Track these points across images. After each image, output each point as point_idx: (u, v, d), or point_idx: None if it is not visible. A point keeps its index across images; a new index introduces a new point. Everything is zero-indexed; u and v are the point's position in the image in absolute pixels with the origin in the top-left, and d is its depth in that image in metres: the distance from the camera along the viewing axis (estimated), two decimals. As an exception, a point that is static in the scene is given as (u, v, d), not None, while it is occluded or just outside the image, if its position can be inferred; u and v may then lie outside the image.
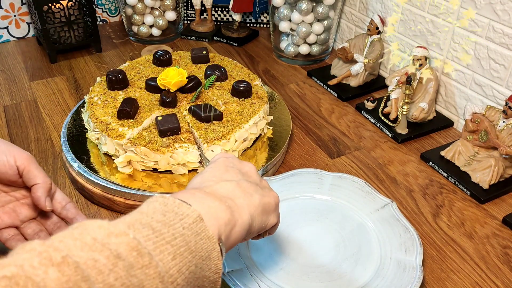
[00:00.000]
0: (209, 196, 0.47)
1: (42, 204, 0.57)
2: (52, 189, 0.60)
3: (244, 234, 0.49)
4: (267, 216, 0.53)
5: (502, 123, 0.78)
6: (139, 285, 0.36)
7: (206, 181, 0.51)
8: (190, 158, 0.72)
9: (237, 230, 0.47)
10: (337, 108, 0.99)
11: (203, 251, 0.42)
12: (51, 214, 0.61)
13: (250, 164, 0.57)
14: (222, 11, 1.31)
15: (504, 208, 0.75)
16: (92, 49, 1.18)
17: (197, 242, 0.42)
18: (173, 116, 0.75)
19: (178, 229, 0.41)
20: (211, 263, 0.43)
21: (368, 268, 0.64)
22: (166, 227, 0.40)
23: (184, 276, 0.40)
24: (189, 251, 0.41)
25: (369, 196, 0.73)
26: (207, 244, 0.43)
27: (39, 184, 0.57)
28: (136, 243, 0.37)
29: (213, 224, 0.44)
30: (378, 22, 1.01)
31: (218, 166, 0.54)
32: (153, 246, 0.38)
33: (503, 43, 0.81)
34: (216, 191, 0.49)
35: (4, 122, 0.92)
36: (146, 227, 0.39)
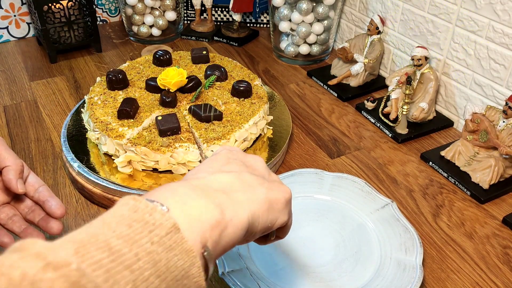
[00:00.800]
0: (195, 191, 0.40)
1: (13, 187, 0.55)
2: (25, 172, 0.58)
3: (241, 236, 0.41)
4: (275, 214, 0.45)
5: (502, 123, 0.78)
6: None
7: (200, 172, 0.45)
8: (190, 158, 0.72)
9: (230, 231, 0.40)
10: (337, 108, 0.99)
11: (177, 270, 0.34)
12: (25, 198, 0.59)
13: (257, 156, 0.50)
14: (222, 11, 1.31)
15: (504, 208, 0.75)
16: (92, 49, 1.18)
17: (170, 260, 0.34)
18: (173, 116, 0.75)
19: (144, 246, 0.33)
20: (189, 282, 0.35)
21: (368, 268, 0.64)
22: (128, 244, 0.33)
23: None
24: (156, 275, 0.33)
25: (369, 196, 0.73)
26: (184, 260, 0.35)
27: (9, 167, 0.55)
28: (78, 276, 0.29)
29: (195, 231, 0.37)
30: (378, 22, 1.01)
31: (218, 158, 0.48)
32: (105, 276, 0.31)
33: (503, 43, 0.81)
34: (207, 184, 0.42)
35: (4, 122, 0.92)
36: (102, 248, 0.32)
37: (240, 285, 0.58)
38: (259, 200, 0.44)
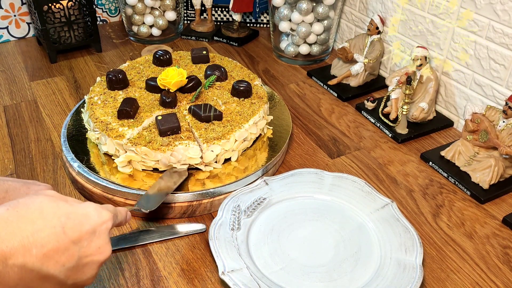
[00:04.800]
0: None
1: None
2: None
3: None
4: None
5: (502, 123, 0.78)
6: None
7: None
8: (191, 154, 0.72)
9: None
10: (337, 108, 0.99)
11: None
12: None
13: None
14: (222, 11, 1.31)
15: (504, 208, 0.75)
16: (92, 49, 1.18)
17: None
18: (173, 116, 0.75)
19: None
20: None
21: (368, 268, 0.64)
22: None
23: None
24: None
25: (369, 196, 0.73)
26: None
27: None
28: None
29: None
30: (378, 22, 1.01)
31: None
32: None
33: (503, 43, 0.81)
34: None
35: (4, 122, 0.92)
36: None
37: (240, 285, 0.58)
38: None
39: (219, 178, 0.74)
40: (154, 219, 0.72)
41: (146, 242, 0.67)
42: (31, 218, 0.42)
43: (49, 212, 0.43)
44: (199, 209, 0.72)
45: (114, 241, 0.67)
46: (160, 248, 0.67)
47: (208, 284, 0.62)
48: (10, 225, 0.40)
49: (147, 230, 0.69)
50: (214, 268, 0.64)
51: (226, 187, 0.73)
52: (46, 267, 0.41)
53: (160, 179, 0.71)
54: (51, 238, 0.42)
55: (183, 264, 0.65)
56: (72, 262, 0.43)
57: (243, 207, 0.71)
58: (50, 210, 0.43)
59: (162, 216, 0.72)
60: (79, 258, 0.44)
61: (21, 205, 0.42)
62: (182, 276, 0.63)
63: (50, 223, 0.42)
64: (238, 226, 0.68)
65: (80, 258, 0.44)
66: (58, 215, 0.43)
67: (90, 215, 0.46)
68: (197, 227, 0.70)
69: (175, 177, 0.71)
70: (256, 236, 0.68)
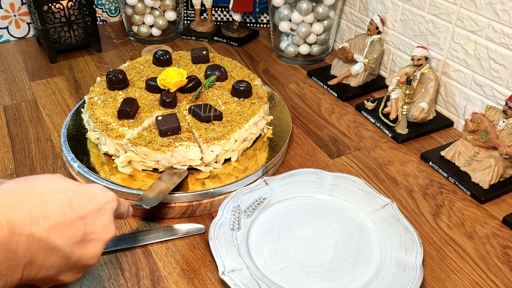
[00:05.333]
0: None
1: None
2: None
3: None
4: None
5: (502, 123, 0.78)
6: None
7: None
8: (191, 156, 0.72)
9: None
10: (337, 108, 0.99)
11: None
12: None
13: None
14: (222, 11, 1.31)
15: (504, 208, 0.75)
16: (92, 49, 1.18)
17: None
18: (173, 116, 0.75)
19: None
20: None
21: (368, 268, 0.64)
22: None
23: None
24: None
25: (369, 196, 0.73)
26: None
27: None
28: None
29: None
30: (378, 22, 1.01)
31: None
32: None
33: (503, 43, 0.81)
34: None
35: (4, 122, 0.92)
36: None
37: (240, 285, 0.58)
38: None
39: (219, 178, 0.74)
40: (154, 219, 0.72)
41: (146, 242, 0.67)
42: (39, 191, 0.43)
43: (57, 187, 0.44)
44: (199, 209, 0.72)
45: (114, 241, 0.67)
46: (160, 248, 0.67)
47: (208, 284, 0.62)
48: (19, 196, 0.41)
49: (147, 230, 0.69)
50: (214, 268, 0.64)
51: (226, 187, 0.73)
52: (53, 238, 0.42)
53: (159, 181, 0.71)
54: (58, 211, 0.43)
55: (183, 264, 0.65)
56: (78, 237, 0.44)
57: (243, 207, 0.71)
58: (59, 185, 0.44)
59: (162, 216, 0.72)
60: (85, 234, 0.45)
61: (30, 179, 0.44)
62: (182, 276, 0.63)
63: (58, 196, 0.43)
64: (238, 226, 0.68)
65: (86, 234, 0.45)
66: (65, 190, 0.44)
67: (97, 194, 0.47)
68: (197, 227, 0.70)
69: (175, 178, 0.71)
70: (256, 236, 0.68)
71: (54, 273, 0.44)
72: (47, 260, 0.43)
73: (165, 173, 0.72)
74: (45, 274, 0.44)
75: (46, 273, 0.43)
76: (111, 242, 0.66)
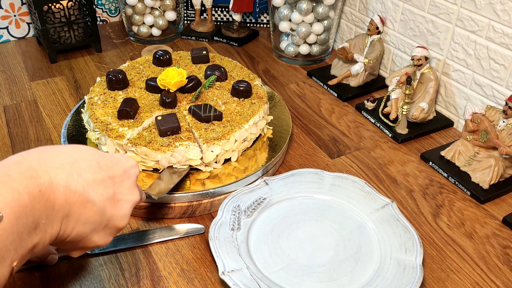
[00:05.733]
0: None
1: None
2: None
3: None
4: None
5: (502, 123, 0.78)
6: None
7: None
8: (191, 155, 0.72)
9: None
10: (337, 108, 0.99)
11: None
12: None
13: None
14: (222, 11, 1.31)
15: (504, 208, 0.75)
16: (92, 49, 1.18)
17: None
18: (173, 116, 0.75)
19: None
20: None
21: (368, 268, 0.64)
22: None
23: None
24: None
25: (369, 196, 0.73)
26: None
27: None
28: None
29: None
30: (378, 22, 1.01)
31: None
32: None
33: (503, 43, 0.81)
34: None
35: (4, 122, 0.92)
36: None
37: (240, 285, 0.58)
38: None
39: (219, 178, 0.74)
40: (154, 219, 0.72)
41: (146, 242, 0.67)
42: (68, 152, 0.45)
43: (84, 150, 0.46)
44: (199, 209, 0.72)
45: (114, 241, 0.67)
46: (160, 248, 0.67)
47: (208, 284, 0.62)
48: (51, 153, 0.43)
49: (147, 230, 0.69)
50: (214, 268, 0.64)
51: (226, 187, 0.73)
52: (87, 191, 0.43)
53: (159, 180, 0.71)
54: (88, 169, 0.44)
55: (183, 264, 0.65)
56: (109, 193, 0.46)
57: (243, 207, 0.71)
58: (86, 149, 0.47)
59: (162, 216, 0.72)
60: (114, 193, 0.47)
61: (58, 145, 0.46)
62: (182, 276, 0.63)
63: (86, 157, 0.45)
64: (238, 226, 0.68)
65: (115, 193, 0.47)
66: (92, 153, 0.47)
67: (121, 158, 0.50)
68: (197, 227, 0.70)
69: (175, 178, 0.71)
70: (256, 236, 0.68)
71: (88, 230, 0.45)
72: (83, 214, 0.44)
73: (165, 171, 0.72)
74: (81, 230, 0.44)
75: (81, 228, 0.44)
76: (111, 242, 0.66)
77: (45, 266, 0.63)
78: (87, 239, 0.46)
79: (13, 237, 0.38)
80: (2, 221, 0.37)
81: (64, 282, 0.61)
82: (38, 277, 0.62)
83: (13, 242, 0.38)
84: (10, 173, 0.39)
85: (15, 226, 0.38)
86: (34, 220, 0.39)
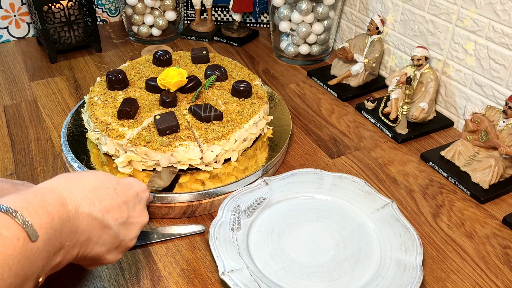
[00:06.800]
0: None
1: None
2: None
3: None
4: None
5: (502, 123, 0.78)
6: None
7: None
8: (192, 156, 0.72)
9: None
10: (337, 108, 0.99)
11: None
12: None
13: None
14: (222, 11, 1.31)
15: (504, 208, 0.75)
16: (92, 49, 1.18)
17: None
18: (171, 114, 0.75)
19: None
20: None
21: (368, 268, 0.64)
22: None
23: None
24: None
25: (369, 196, 0.73)
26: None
27: None
28: None
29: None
30: (378, 22, 1.01)
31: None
32: None
33: (503, 43, 0.81)
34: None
35: (4, 122, 0.92)
36: None
37: (240, 285, 0.58)
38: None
39: (219, 178, 0.74)
40: (154, 219, 0.72)
41: (146, 242, 0.67)
42: (89, 180, 0.50)
43: (102, 177, 0.52)
44: (199, 209, 0.72)
45: (114, 241, 0.67)
46: (160, 248, 0.67)
47: (208, 284, 0.62)
48: (76, 182, 0.49)
49: (147, 230, 0.69)
50: (214, 268, 0.64)
51: (226, 187, 0.73)
52: (106, 218, 0.50)
53: (157, 178, 0.71)
54: (106, 197, 0.50)
55: (183, 264, 0.65)
56: (123, 218, 0.52)
57: (243, 207, 0.71)
58: (103, 176, 0.53)
59: (162, 216, 0.72)
60: (128, 217, 0.53)
61: (80, 172, 0.53)
62: (182, 276, 0.63)
63: (105, 184, 0.51)
64: (238, 226, 0.68)
65: (128, 217, 0.53)
66: (109, 180, 0.52)
67: (134, 183, 0.56)
68: (197, 227, 0.70)
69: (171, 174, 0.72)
70: (256, 236, 0.68)
71: (104, 250, 0.51)
72: (101, 237, 0.50)
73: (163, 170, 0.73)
74: (97, 251, 0.50)
75: (98, 250, 0.50)
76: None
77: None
78: (102, 258, 0.52)
79: (43, 255, 0.43)
80: (38, 240, 0.42)
81: (64, 282, 0.61)
82: (38, 277, 0.62)
83: (42, 260, 0.43)
84: (46, 199, 0.44)
85: (46, 245, 0.43)
86: (60, 242, 0.45)
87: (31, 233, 0.41)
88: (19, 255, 0.40)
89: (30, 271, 0.41)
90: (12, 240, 0.40)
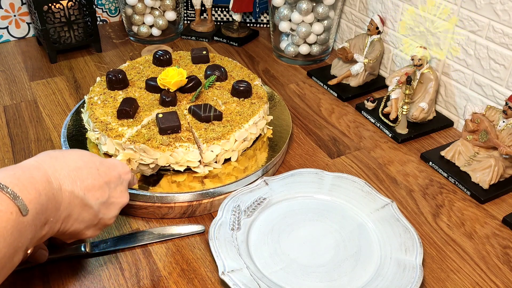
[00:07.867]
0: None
1: None
2: None
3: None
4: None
5: (502, 123, 0.78)
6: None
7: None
8: (190, 158, 0.72)
9: None
10: (337, 108, 0.99)
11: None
12: None
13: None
14: (222, 11, 1.31)
15: (504, 208, 0.75)
16: (92, 49, 1.18)
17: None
18: (174, 114, 0.75)
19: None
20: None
21: (368, 268, 0.64)
22: None
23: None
24: None
25: (369, 196, 0.73)
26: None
27: None
28: None
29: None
30: (378, 22, 1.01)
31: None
32: None
33: (503, 43, 0.81)
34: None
35: (4, 122, 0.92)
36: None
37: (240, 285, 0.58)
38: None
39: (219, 178, 0.74)
40: (154, 219, 0.72)
41: (146, 242, 0.67)
42: (73, 159, 0.53)
43: (86, 157, 0.54)
44: (199, 209, 0.72)
45: (114, 241, 0.67)
46: (160, 248, 0.67)
47: (208, 284, 0.62)
48: (59, 161, 0.51)
49: (147, 230, 0.69)
50: (214, 268, 0.64)
51: (226, 187, 0.73)
52: (87, 197, 0.52)
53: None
54: (89, 176, 0.53)
55: (183, 264, 0.65)
56: (104, 198, 0.54)
57: (243, 207, 0.71)
58: (87, 156, 0.55)
59: (162, 216, 0.72)
60: (108, 197, 0.55)
61: (65, 150, 0.54)
62: (182, 276, 0.63)
63: (88, 164, 0.53)
64: (238, 226, 0.68)
65: (109, 197, 0.55)
66: (93, 160, 0.55)
67: (117, 165, 0.58)
68: (197, 227, 0.70)
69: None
70: (256, 236, 0.68)
71: (83, 227, 0.54)
72: (81, 214, 0.52)
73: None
74: (77, 227, 0.53)
75: (77, 226, 0.53)
76: (111, 242, 0.66)
77: (44, 265, 0.63)
78: (81, 233, 0.55)
79: (31, 229, 0.46)
80: (28, 214, 0.45)
81: (64, 282, 0.61)
82: (38, 277, 0.62)
83: (31, 233, 0.46)
84: (33, 175, 0.47)
85: (34, 220, 0.46)
86: (46, 217, 0.48)
87: (22, 207, 0.44)
88: (12, 228, 0.43)
89: (20, 243, 0.45)
90: (6, 213, 0.43)
